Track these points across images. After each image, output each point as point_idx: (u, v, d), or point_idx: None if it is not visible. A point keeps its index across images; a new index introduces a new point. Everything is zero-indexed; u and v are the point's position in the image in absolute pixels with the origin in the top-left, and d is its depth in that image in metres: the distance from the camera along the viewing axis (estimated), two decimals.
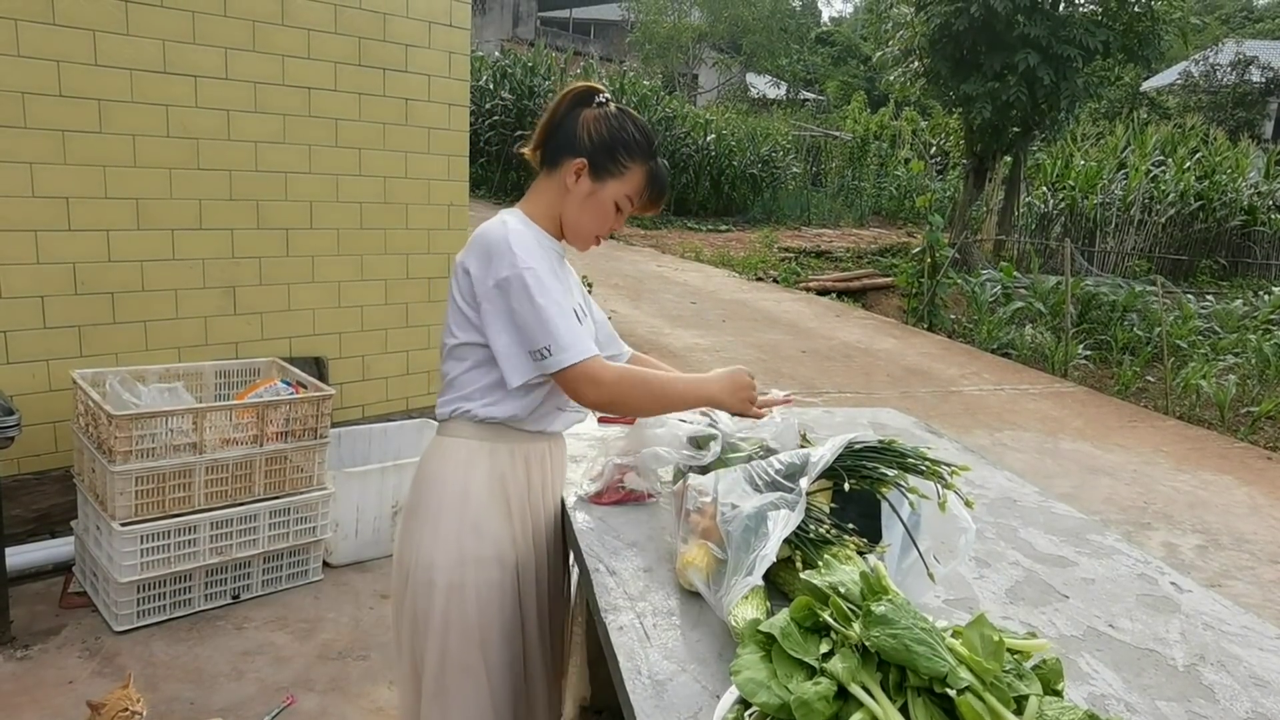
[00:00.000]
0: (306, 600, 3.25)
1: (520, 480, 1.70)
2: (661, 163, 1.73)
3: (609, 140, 1.66)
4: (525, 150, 1.75)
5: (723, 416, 1.79)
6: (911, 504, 1.37)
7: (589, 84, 1.72)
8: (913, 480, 1.39)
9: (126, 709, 2.18)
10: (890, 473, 1.41)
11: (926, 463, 1.42)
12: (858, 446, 1.45)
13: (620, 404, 1.62)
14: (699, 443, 1.71)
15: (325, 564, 3.45)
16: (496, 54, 17.93)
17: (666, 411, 1.72)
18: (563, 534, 1.85)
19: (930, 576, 1.36)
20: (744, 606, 1.25)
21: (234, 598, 3.17)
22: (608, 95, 1.71)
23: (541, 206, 1.71)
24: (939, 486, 1.38)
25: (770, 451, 1.65)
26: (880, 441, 1.47)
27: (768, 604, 1.29)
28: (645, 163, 1.69)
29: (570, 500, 1.82)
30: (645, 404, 1.66)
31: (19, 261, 3.14)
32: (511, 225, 1.61)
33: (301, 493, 3.24)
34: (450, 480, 1.67)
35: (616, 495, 1.79)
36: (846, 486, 1.39)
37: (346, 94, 3.87)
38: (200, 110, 3.46)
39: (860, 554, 1.32)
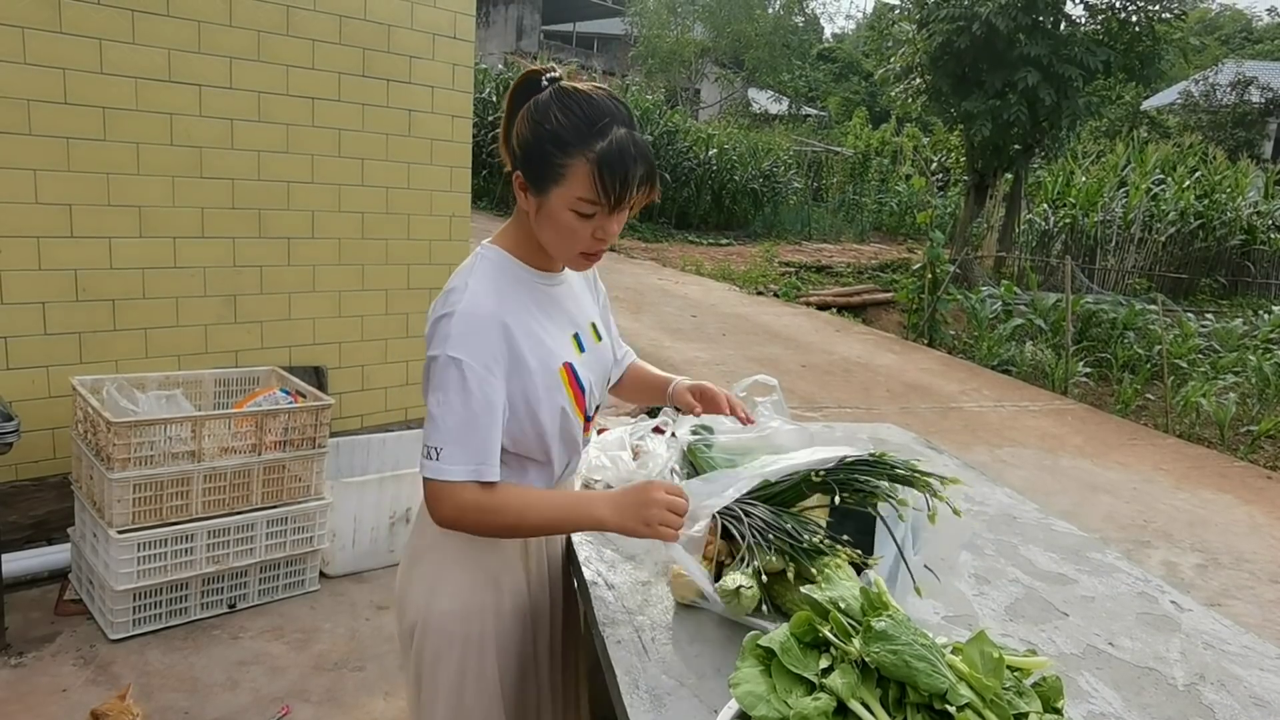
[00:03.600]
0: (303, 610, 3.24)
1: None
2: (613, 143, 1.30)
3: (532, 139, 1.33)
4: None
5: (722, 424, 1.80)
6: (900, 515, 1.39)
7: (531, 68, 1.39)
8: (906, 493, 1.41)
9: None
10: (883, 485, 1.42)
11: (916, 474, 1.43)
12: (850, 460, 1.46)
13: (473, 530, 1.40)
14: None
15: (322, 574, 3.43)
16: (500, 67, 18.04)
17: (531, 536, 1.54)
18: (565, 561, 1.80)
19: (917, 591, 1.37)
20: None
21: (230, 607, 3.16)
22: (556, 73, 1.37)
23: (521, 231, 1.46)
24: (929, 498, 1.39)
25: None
26: (870, 455, 1.48)
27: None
28: (582, 152, 1.29)
29: None
30: (499, 532, 1.43)
31: (20, 268, 3.15)
32: (470, 292, 1.36)
33: (299, 502, 3.23)
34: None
35: None
36: (838, 500, 1.39)
37: (350, 104, 3.88)
38: (204, 119, 3.48)
39: (853, 565, 1.31)
